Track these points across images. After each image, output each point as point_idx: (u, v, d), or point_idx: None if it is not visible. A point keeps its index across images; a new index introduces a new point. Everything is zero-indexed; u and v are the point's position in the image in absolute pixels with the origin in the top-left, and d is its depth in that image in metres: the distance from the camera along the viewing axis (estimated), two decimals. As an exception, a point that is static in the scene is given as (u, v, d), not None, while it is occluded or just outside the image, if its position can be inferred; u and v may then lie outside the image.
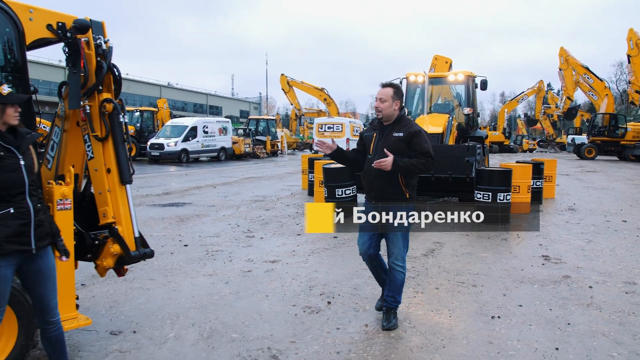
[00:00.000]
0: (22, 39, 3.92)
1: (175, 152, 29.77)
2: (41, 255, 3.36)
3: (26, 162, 3.26)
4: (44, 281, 3.42)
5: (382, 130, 4.88)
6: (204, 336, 4.72)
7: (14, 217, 3.19)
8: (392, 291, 4.94)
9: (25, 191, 3.22)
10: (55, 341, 3.52)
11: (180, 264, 7.22)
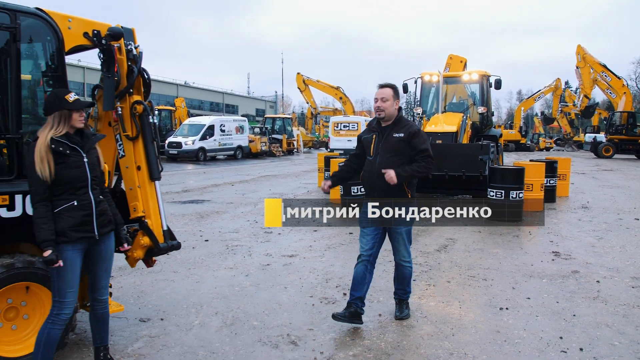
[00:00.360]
0: (61, 46, 4.23)
1: (192, 150, 30.20)
2: (103, 240, 3.74)
3: (89, 160, 3.61)
4: (100, 263, 3.77)
5: (381, 131, 4.89)
6: (227, 323, 5.03)
7: (78, 209, 3.57)
8: (402, 284, 5.14)
9: (87, 185, 3.58)
10: (100, 318, 3.86)
11: (202, 258, 7.54)
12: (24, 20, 4.00)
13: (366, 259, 4.95)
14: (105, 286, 3.86)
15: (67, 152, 3.56)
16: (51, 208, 3.53)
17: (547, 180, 13.04)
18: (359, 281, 4.94)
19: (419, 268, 7.05)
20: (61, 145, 3.54)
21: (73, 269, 3.57)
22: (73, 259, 3.56)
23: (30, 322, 4.08)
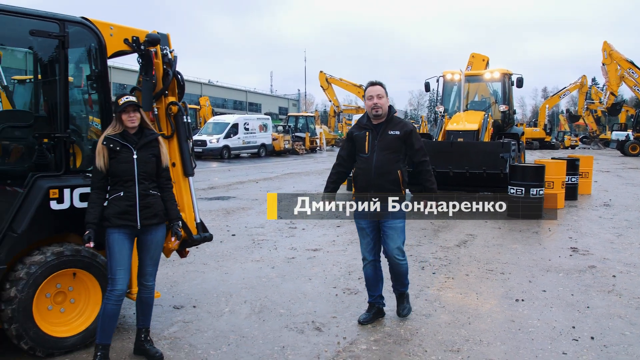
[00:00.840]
0: (104, 51, 4.58)
1: (217, 148, 30.69)
2: (150, 231, 4.06)
3: (139, 157, 3.95)
4: (145, 251, 4.12)
5: (375, 128, 4.87)
6: (255, 311, 5.34)
7: (123, 199, 3.93)
8: (399, 279, 5.11)
9: (134, 179, 3.92)
10: (145, 302, 4.20)
11: (230, 251, 7.88)
12: (71, 29, 4.36)
13: (372, 259, 5.07)
14: (150, 273, 4.19)
15: (118, 149, 3.93)
16: (103, 196, 3.94)
17: (568, 177, 13.12)
18: (373, 282, 5.13)
19: (439, 262, 7.29)
20: (112, 142, 3.92)
21: (120, 249, 3.91)
22: (119, 241, 3.91)
23: (76, 306, 4.43)
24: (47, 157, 4.44)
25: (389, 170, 4.77)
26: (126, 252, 3.97)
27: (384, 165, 4.76)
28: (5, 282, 4.02)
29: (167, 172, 4.24)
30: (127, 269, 3.98)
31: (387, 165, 4.77)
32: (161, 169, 4.16)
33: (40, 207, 4.15)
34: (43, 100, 4.76)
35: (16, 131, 4.47)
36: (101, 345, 3.97)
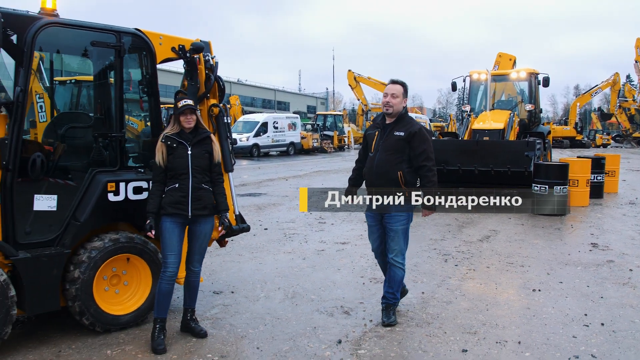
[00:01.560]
0: (154, 59, 5.08)
1: (247, 146, 31.32)
2: (199, 221, 4.53)
3: (193, 153, 4.42)
4: (194, 240, 4.60)
5: (383, 128, 4.96)
6: (288, 296, 5.80)
7: (177, 190, 4.41)
8: (392, 287, 5.05)
9: (187, 172, 4.40)
10: (192, 285, 4.69)
11: (263, 244, 8.36)
12: (125, 39, 4.87)
13: (379, 254, 5.25)
14: (197, 260, 4.67)
15: (175, 146, 4.41)
16: (162, 188, 4.43)
17: (594, 176, 13.29)
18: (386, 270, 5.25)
19: (462, 255, 7.65)
20: (170, 140, 4.41)
21: (171, 236, 4.40)
22: (171, 229, 4.40)
23: (129, 288, 4.94)
24: (104, 154, 4.96)
25: (388, 171, 4.81)
26: (176, 239, 4.44)
27: (384, 165, 4.83)
28: (69, 264, 4.53)
29: (218, 167, 4.70)
30: (177, 254, 4.46)
31: (387, 165, 4.82)
32: (213, 164, 4.62)
33: (99, 199, 4.66)
34: (100, 103, 5.27)
35: (77, 131, 4.99)
36: (159, 319, 4.48)
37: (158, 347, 4.36)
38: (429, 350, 4.40)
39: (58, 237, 4.53)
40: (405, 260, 5.10)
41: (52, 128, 5.13)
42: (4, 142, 4.21)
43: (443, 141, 15.39)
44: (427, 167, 4.81)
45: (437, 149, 12.89)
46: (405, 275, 5.16)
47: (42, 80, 5.71)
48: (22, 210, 4.36)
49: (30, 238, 4.40)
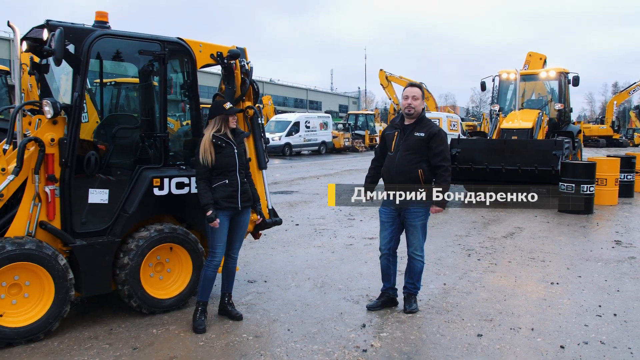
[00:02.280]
0: (194, 65, 5.54)
1: (279, 145, 31.86)
2: (243, 212, 5.00)
3: (238, 151, 4.87)
4: (237, 229, 5.03)
5: (403, 129, 5.20)
6: (317, 286, 6.20)
7: (228, 186, 4.84)
8: (412, 278, 5.36)
9: (235, 169, 4.85)
10: (230, 271, 5.13)
11: (294, 238, 8.78)
12: (169, 47, 5.33)
13: (386, 252, 5.44)
14: (237, 248, 5.11)
15: (223, 145, 4.84)
16: (209, 184, 4.83)
17: (624, 175, 13.34)
18: (386, 273, 5.50)
19: (485, 250, 7.94)
20: (219, 140, 4.83)
21: (222, 228, 4.83)
22: (222, 222, 4.83)
23: (172, 275, 5.41)
24: (150, 152, 5.44)
25: (410, 169, 5.07)
26: (225, 231, 4.89)
27: (405, 164, 5.09)
28: (119, 252, 5.02)
29: (248, 163, 5.16)
30: (224, 245, 4.92)
31: (408, 165, 5.08)
32: (246, 160, 5.08)
33: (145, 193, 5.13)
34: (146, 106, 5.75)
35: (126, 131, 5.47)
36: (201, 302, 4.94)
37: (199, 327, 4.81)
38: (447, 335, 4.74)
39: (109, 227, 5.02)
40: (424, 253, 5.39)
41: (102, 128, 5.63)
42: (64, 142, 4.72)
43: (471, 140, 15.61)
44: (444, 167, 5.09)
45: (465, 148, 13.27)
46: (424, 267, 5.48)
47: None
48: (78, 202, 4.86)
49: (85, 228, 4.90)
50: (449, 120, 32.37)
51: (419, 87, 5.33)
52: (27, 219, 4.63)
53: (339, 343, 4.55)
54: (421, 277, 5.47)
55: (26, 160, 4.60)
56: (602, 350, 4.43)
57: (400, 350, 4.39)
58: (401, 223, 5.38)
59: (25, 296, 4.54)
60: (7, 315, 4.43)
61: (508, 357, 4.27)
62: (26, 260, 4.42)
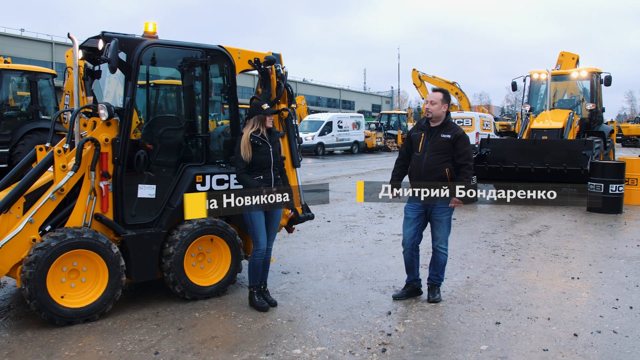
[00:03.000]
0: (234, 71, 5.99)
1: (312, 145, 32.31)
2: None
3: (273, 149, 5.31)
4: (271, 222, 5.48)
5: (430, 131, 5.57)
6: (347, 277, 6.58)
7: (262, 181, 5.30)
8: (436, 270, 5.73)
9: (270, 166, 5.29)
10: (265, 261, 5.56)
11: (326, 234, 9.19)
12: (211, 54, 5.79)
13: (409, 247, 5.78)
14: (271, 240, 5.54)
15: (259, 144, 5.28)
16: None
17: (655, 175, 13.31)
18: (410, 266, 5.87)
19: (510, 247, 8.20)
20: (256, 139, 5.28)
21: (260, 220, 5.29)
22: (259, 214, 5.29)
23: (212, 265, 5.86)
24: (192, 151, 5.91)
25: (437, 168, 5.46)
26: (263, 223, 5.35)
27: (432, 163, 5.47)
28: (165, 242, 5.50)
29: (283, 161, 5.58)
30: (264, 234, 5.36)
31: (436, 164, 5.46)
32: (280, 157, 5.50)
33: (189, 189, 5.60)
34: (189, 108, 6.21)
35: (171, 132, 5.94)
36: (254, 286, 5.44)
37: (261, 305, 5.36)
38: (466, 322, 5.07)
39: (156, 219, 5.51)
40: (448, 246, 5.74)
41: (149, 129, 6.12)
42: (116, 142, 5.21)
43: (501, 140, 15.76)
44: (467, 165, 5.48)
45: (495, 147, 13.47)
46: (448, 260, 5.81)
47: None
48: (129, 197, 5.36)
49: (135, 220, 5.39)
50: (481, 120, 32.27)
51: (440, 92, 5.64)
52: (84, 211, 5.15)
53: (366, 328, 4.93)
54: (445, 269, 5.81)
55: (84, 158, 5.11)
56: (613, 339, 4.70)
57: (422, 335, 4.75)
58: (426, 219, 5.72)
59: (82, 280, 5.06)
60: (67, 297, 4.95)
61: (523, 343, 4.58)
62: (84, 247, 4.92)
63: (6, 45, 49.63)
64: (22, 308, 5.40)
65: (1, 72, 15.40)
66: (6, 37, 50.83)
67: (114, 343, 4.55)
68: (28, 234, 4.90)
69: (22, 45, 51.09)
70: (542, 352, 4.40)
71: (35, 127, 15.69)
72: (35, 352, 4.36)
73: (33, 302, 4.73)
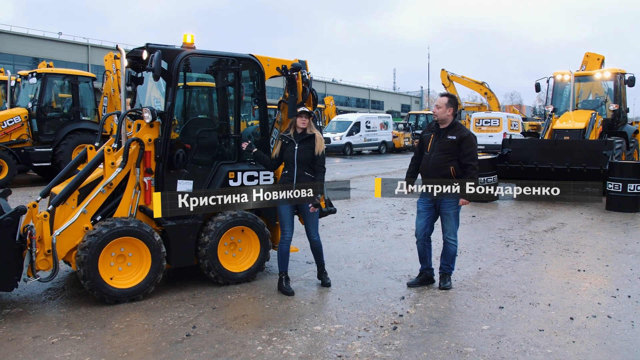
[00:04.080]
0: (263, 77, 6.59)
1: (340, 145, 32.85)
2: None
3: (299, 148, 5.92)
4: (304, 214, 6.08)
5: (438, 132, 6.08)
6: (366, 267, 7.12)
7: (286, 175, 6.00)
8: (447, 260, 6.23)
9: (294, 163, 5.91)
10: (315, 249, 6.24)
11: (349, 229, 9.73)
12: (242, 62, 6.40)
13: (422, 238, 6.26)
14: (313, 230, 6.15)
15: (287, 143, 5.96)
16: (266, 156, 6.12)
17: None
18: (422, 256, 6.33)
19: (523, 242, 8.63)
20: (285, 138, 5.98)
21: (286, 211, 5.92)
22: (285, 207, 5.91)
23: (242, 253, 6.46)
24: (226, 150, 6.52)
25: (442, 167, 5.95)
26: (290, 213, 5.97)
27: (439, 162, 5.97)
28: (201, 232, 6.12)
29: (320, 159, 6.09)
30: (291, 224, 6.01)
31: (441, 162, 5.96)
32: (316, 157, 6.03)
33: (223, 184, 6.21)
34: (222, 111, 6.83)
35: (207, 133, 6.57)
36: (283, 272, 6.08)
37: (288, 290, 5.97)
38: (472, 306, 5.57)
39: (193, 211, 6.13)
40: (457, 237, 6.22)
41: (187, 130, 6.75)
42: (158, 142, 5.85)
43: (522, 140, 16.06)
44: (471, 165, 5.94)
45: (517, 147, 13.82)
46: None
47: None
48: (169, 191, 5.98)
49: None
50: (509, 120, 32.34)
51: (446, 96, 6.18)
52: (129, 203, 5.81)
53: (380, 310, 5.47)
54: (455, 259, 6.29)
55: (130, 157, 5.77)
56: (606, 322, 5.14)
57: (430, 316, 5.27)
58: (436, 212, 6.22)
59: (128, 265, 5.71)
60: (115, 279, 5.60)
61: (521, 324, 5.07)
62: (130, 235, 5.57)
63: (44, 48, 51.59)
64: (74, 289, 6.08)
65: (46, 76, 16.38)
66: (45, 40, 52.76)
67: (157, 319, 5.18)
68: (82, 223, 5.57)
69: (59, 48, 53.00)
70: (537, 332, 4.88)
71: (76, 127, 16.66)
72: (90, 324, 5.01)
73: (87, 282, 5.40)
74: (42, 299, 5.79)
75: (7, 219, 5.01)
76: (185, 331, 4.86)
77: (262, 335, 4.78)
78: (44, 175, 17.18)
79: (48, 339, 4.68)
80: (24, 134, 16.04)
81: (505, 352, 4.44)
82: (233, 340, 4.66)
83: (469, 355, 4.37)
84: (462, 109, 51.12)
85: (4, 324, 5.03)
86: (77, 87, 16.96)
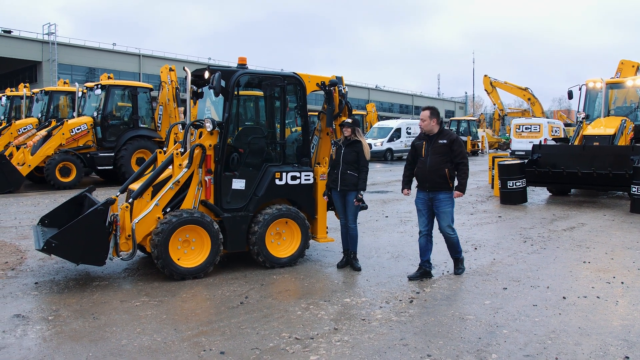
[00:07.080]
0: (304, 93, 7.72)
1: (381, 151, 33.81)
2: (347, 194, 7.20)
3: (345, 151, 7.13)
4: (346, 207, 7.24)
5: (429, 139, 6.82)
6: (393, 257, 8.14)
7: (334, 174, 7.21)
8: (452, 249, 7.13)
9: (339, 164, 7.14)
10: (350, 236, 7.36)
11: (382, 226, 10.75)
12: (287, 80, 7.55)
13: (425, 233, 6.99)
14: (351, 220, 7.31)
15: (335, 148, 7.19)
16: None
17: None
18: (424, 250, 7.00)
19: (540, 239, 9.46)
20: (335, 145, 7.23)
21: (337, 204, 7.27)
22: (335, 198, 7.23)
23: (286, 242, 7.58)
24: (272, 154, 7.67)
25: (439, 168, 6.70)
26: (340, 205, 7.30)
27: (435, 164, 6.71)
28: (251, 223, 7.27)
29: (364, 160, 7.21)
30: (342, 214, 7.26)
31: (438, 164, 6.71)
32: (361, 158, 7.17)
33: (270, 183, 7.36)
34: (270, 120, 7.99)
35: (257, 139, 7.72)
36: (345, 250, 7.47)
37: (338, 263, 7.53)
38: (480, 287, 6.53)
39: (245, 205, 7.29)
40: (454, 229, 7.05)
41: (240, 137, 7.90)
42: (217, 147, 7.04)
43: (552, 146, 16.69)
44: (463, 163, 6.77)
45: (546, 153, 14.55)
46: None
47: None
48: (225, 188, 7.17)
49: (230, 205, 7.20)
50: (549, 126, 32.57)
51: (427, 109, 6.89)
52: (193, 197, 7.01)
53: (401, 288, 6.50)
54: (459, 245, 7.23)
55: (194, 159, 6.97)
56: (594, 301, 6.03)
57: (442, 294, 6.27)
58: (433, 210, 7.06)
59: (192, 248, 6.90)
60: (181, 260, 6.80)
61: (519, 301, 6.01)
62: (194, 223, 6.77)
63: (100, 58, 54.54)
64: (147, 269, 7.33)
65: (110, 88, 18.03)
66: (101, 51, 55.67)
67: (216, 291, 6.35)
68: (155, 214, 6.80)
69: (114, 58, 55.87)
70: (531, 306, 5.82)
71: (135, 134, 18.24)
72: (163, 294, 6.22)
73: (159, 262, 6.62)
74: (122, 275, 7.07)
75: (100, 208, 6.29)
76: (239, 300, 6.01)
77: (302, 304, 5.88)
78: (105, 177, 18.82)
79: (132, 303, 5.91)
80: (90, 140, 17.72)
81: (500, 320, 5.40)
82: (278, 307, 5.77)
83: (468, 321, 5.36)
84: (506, 115, 51.37)
85: (96, 291, 6.31)
86: (136, 97, 18.57)
